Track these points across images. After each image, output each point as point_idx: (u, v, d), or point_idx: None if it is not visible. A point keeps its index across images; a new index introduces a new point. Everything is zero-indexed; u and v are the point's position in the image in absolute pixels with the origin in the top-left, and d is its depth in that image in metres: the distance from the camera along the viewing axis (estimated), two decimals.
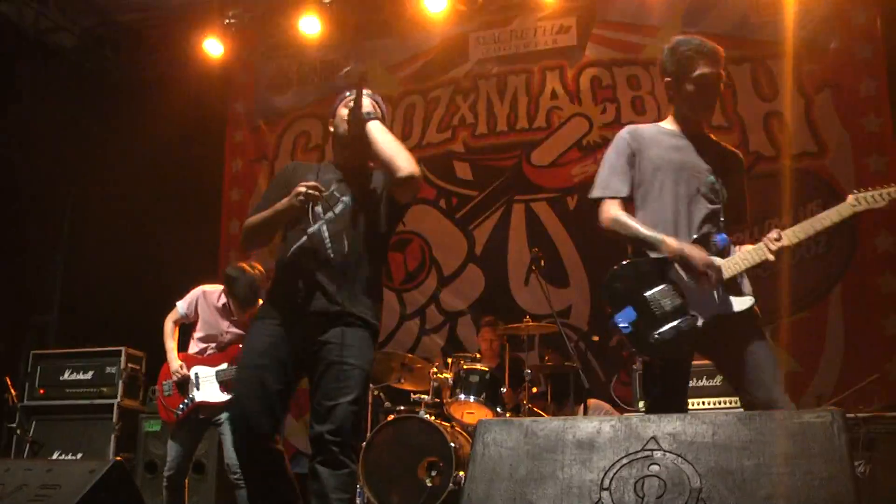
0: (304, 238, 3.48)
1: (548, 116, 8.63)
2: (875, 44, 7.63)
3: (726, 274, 3.28)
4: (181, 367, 5.44)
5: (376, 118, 3.54)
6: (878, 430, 5.12)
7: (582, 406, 6.21)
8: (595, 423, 2.57)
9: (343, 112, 3.59)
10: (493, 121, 8.83)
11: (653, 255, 3.34)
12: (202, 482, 6.43)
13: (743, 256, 3.32)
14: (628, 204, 3.51)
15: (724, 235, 3.39)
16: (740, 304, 3.28)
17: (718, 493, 2.30)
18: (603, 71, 8.51)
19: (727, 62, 8.06)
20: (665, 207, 3.41)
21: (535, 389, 6.53)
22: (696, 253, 3.26)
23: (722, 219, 3.44)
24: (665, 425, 2.49)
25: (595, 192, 3.53)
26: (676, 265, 3.29)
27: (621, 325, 3.27)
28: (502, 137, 8.79)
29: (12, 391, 7.06)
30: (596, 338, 7.54)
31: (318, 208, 3.48)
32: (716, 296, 3.28)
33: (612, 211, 3.46)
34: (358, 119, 3.48)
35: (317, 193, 3.38)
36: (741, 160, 3.64)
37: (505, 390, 6.30)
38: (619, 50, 8.48)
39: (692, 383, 5.51)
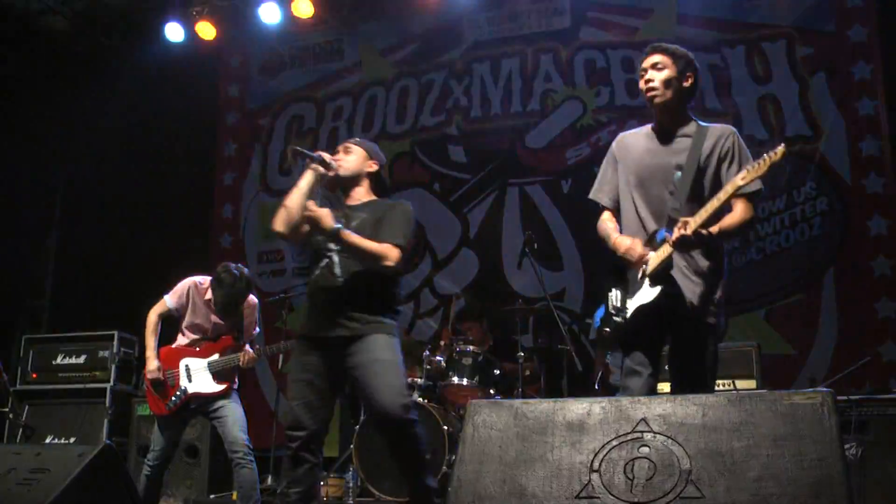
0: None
1: (542, 99, 8.61)
2: (870, 27, 7.60)
3: (647, 270, 3.33)
4: (158, 368, 5.30)
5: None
6: (870, 412, 5.13)
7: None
8: (585, 405, 2.56)
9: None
10: (488, 104, 8.81)
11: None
12: (196, 466, 6.41)
13: (659, 252, 3.31)
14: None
15: (663, 231, 3.34)
16: (648, 295, 3.32)
17: (708, 474, 2.29)
18: (597, 53, 8.48)
19: (722, 45, 7.95)
20: (639, 212, 3.51)
21: (528, 372, 6.52)
22: (632, 246, 3.39)
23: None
24: (655, 407, 2.48)
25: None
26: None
27: (596, 320, 3.56)
28: (496, 121, 8.76)
29: (4, 375, 7.04)
30: (590, 320, 7.52)
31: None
32: (639, 290, 3.37)
33: (601, 219, 3.68)
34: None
35: None
36: (723, 135, 3.46)
37: (498, 371, 6.30)
38: (614, 32, 8.45)
39: None
